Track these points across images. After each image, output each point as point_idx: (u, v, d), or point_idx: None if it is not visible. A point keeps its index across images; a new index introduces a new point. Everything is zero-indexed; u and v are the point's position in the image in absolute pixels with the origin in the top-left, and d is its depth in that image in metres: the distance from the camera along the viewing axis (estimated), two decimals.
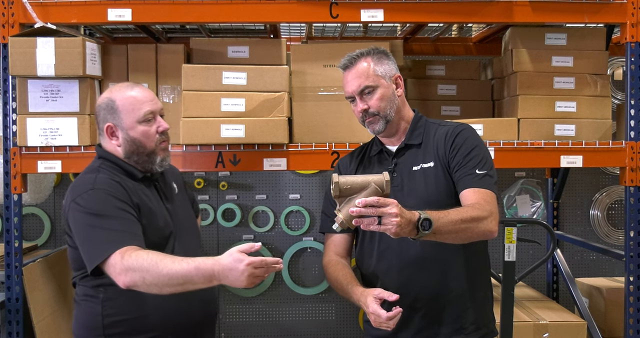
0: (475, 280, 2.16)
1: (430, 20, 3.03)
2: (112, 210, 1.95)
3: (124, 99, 2.09)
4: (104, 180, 2.03)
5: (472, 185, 2.05)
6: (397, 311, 1.92)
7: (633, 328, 2.83)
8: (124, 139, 2.10)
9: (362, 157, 2.31)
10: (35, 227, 4.12)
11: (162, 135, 2.13)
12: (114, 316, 2.03)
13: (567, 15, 2.82)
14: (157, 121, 2.12)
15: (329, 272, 2.21)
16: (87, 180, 2.05)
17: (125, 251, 1.86)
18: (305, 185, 4.20)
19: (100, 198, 1.97)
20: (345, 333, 4.24)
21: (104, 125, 2.12)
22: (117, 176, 2.07)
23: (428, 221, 1.82)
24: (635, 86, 2.83)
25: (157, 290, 1.84)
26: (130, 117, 2.08)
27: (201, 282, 1.81)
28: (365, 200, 1.76)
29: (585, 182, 4.25)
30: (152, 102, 2.12)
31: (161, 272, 1.80)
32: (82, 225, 1.95)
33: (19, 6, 2.66)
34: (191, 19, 2.75)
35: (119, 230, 1.92)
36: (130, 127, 2.09)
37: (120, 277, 1.84)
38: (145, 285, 1.83)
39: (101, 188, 2.00)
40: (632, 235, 2.84)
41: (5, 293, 2.71)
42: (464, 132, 2.15)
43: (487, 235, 1.98)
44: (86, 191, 1.99)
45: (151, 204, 2.09)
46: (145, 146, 2.10)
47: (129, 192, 2.03)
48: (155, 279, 1.81)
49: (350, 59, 2.17)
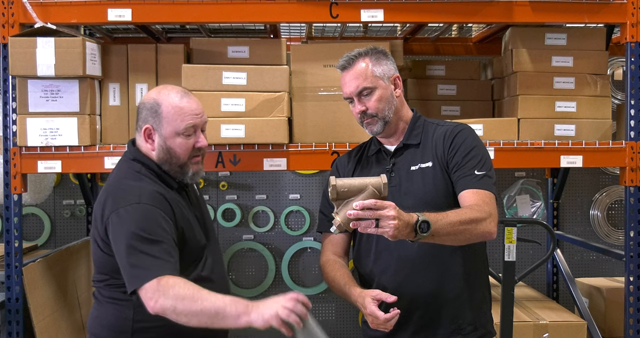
0: (473, 281, 2.15)
1: (430, 20, 3.03)
2: (156, 232, 1.90)
3: (169, 106, 2.03)
4: (150, 193, 1.97)
5: (471, 186, 2.04)
6: (394, 313, 1.92)
7: (633, 328, 2.83)
8: (159, 145, 2.05)
9: (360, 156, 2.30)
10: (35, 227, 4.12)
11: (198, 150, 2.08)
12: (145, 322, 1.99)
13: (567, 15, 2.82)
14: (197, 136, 2.07)
15: (326, 271, 2.21)
16: (131, 189, 1.98)
17: (162, 278, 1.82)
18: (305, 185, 4.20)
19: (146, 216, 1.91)
20: (345, 333, 4.24)
21: (143, 125, 2.06)
22: (159, 185, 2.02)
23: (426, 223, 1.81)
24: (635, 86, 2.83)
25: (185, 321, 1.80)
26: (171, 126, 2.03)
27: (232, 316, 1.77)
28: (363, 203, 1.76)
29: (585, 182, 4.24)
30: (197, 115, 2.06)
31: (195, 302, 1.78)
32: (125, 245, 1.89)
33: (19, 6, 2.66)
34: (191, 19, 2.75)
35: (159, 258, 1.87)
36: (168, 136, 2.03)
37: (150, 303, 1.81)
38: (174, 314, 1.80)
39: (148, 203, 1.93)
40: (632, 235, 2.84)
41: (5, 293, 2.71)
42: (463, 132, 2.15)
43: (486, 237, 1.98)
44: (131, 204, 1.92)
45: (190, 218, 2.07)
46: (178, 158, 2.05)
47: (173, 207, 1.99)
48: (187, 308, 1.78)
49: (348, 59, 2.16)
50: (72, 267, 3.20)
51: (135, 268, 1.86)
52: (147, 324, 2.00)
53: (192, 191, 2.22)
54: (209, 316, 1.78)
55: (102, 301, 2.09)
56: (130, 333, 2.01)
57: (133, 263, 1.87)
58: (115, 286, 2.02)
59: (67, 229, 4.13)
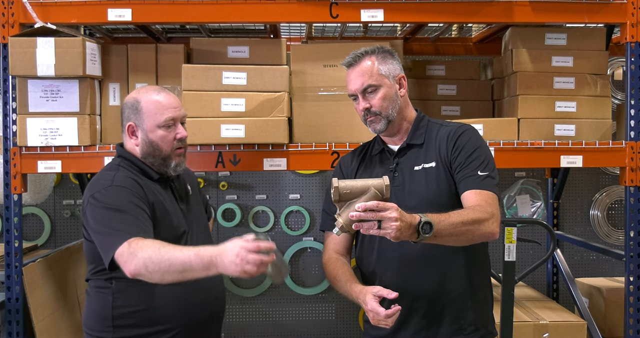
0: (475, 281, 2.15)
1: (430, 20, 3.03)
2: (128, 206, 2.01)
3: (148, 102, 2.16)
4: (123, 178, 2.10)
5: (473, 186, 2.04)
6: (395, 309, 1.92)
7: (633, 328, 2.83)
8: (142, 139, 2.17)
9: (364, 155, 2.30)
10: (35, 227, 4.12)
11: (180, 142, 2.20)
12: (124, 307, 2.08)
13: (567, 15, 2.82)
14: (177, 128, 2.19)
15: (328, 269, 2.21)
16: (106, 177, 2.11)
17: (132, 241, 1.89)
18: (305, 185, 4.20)
19: (118, 194, 2.04)
20: (345, 333, 4.24)
21: (126, 124, 2.20)
22: (135, 175, 2.14)
23: (429, 224, 1.81)
24: (635, 86, 2.83)
25: (159, 278, 1.85)
26: (152, 120, 2.15)
27: (200, 269, 1.81)
28: (365, 204, 1.76)
29: (585, 182, 4.25)
30: (176, 109, 2.19)
31: (162, 257, 1.82)
32: (99, 219, 2.01)
33: (19, 6, 2.66)
34: (191, 19, 2.75)
35: (130, 224, 1.96)
36: (150, 130, 2.16)
37: (126, 266, 1.87)
38: (148, 273, 1.84)
39: (119, 185, 2.06)
40: (632, 235, 2.84)
41: (5, 293, 2.71)
42: (467, 133, 2.15)
43: (489, 237, 1.98)
44: (105, 187, 2.06)
45: (166, 204, 2.14)
46: (161, 150, 2.16)
47: (145, 191, 2.10)
48: (157, 266, 1.82)
49: (354, 56, 2.17)
50: (72, 267, 3.20)
51: (107, 237, 1.95)
52: (126, 310, 2.08)
53: (182, 188, 2.28)
54: (178, 271, 1.82)
55: (90, 293, 2.17)
56: (111, 320, 2.08)
57: (105, 232, 1.97)
58: (99, 273, 2.11)
59: (67, 229, 4.13)
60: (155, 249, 1.85)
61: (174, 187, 2.24)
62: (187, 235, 2.17)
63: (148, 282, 1.90)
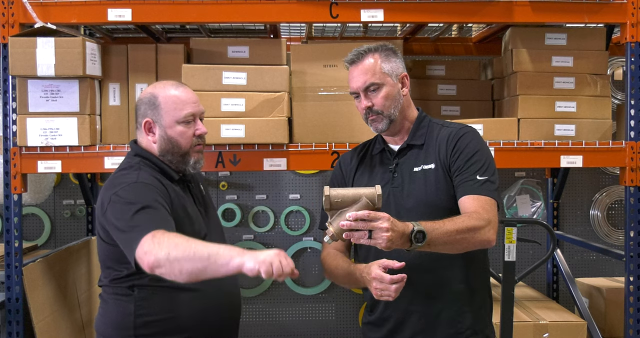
0: (473, 284, 2.13)
1: (430, 20, 3.03)
2: (153, 203, 1.94)
3: (167, 97, 2.10)
4: (147, 176, 2.04)
5: (471, 191, 2.01)
6: (400, 275, 1.86)
7: (633, 328, 2.83)
8: (160, 136, 2.11)
9: (364, 154, 2.28)
10: (35, 227, 4.12)
11: (199, 138, 2.15)
12: (147, 316, 2.01)
13: (567, 15, 2.82)
14: (196, 124, 2.14)
15: (327, 262, 2.18)
16: (129, 175, 2.05)
17: (156, 232, 1.83)
18: (305, 185, 4.20)
19: (143, 190, 1.98)
20: (345, 333, 4.24)
21: (142, 120, 2.13)
22: (157, 175, 2.08)
23: (422, 233, 1.79)
24: (635, 86, 2.83)
25: (178, 268, 1.75)
26: (171, 115, 2.09)
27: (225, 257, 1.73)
28: (356, 213, 1.74)
29: (585, 182, 4.24)
30: (195, 104, 2.13)
31: (189, 244, 1.76)
32: (122, 216, 1.92)
33: (19, 6, 2.66)
34: (191, 19, 2.75)
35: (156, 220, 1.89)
36: (168, 126, 2.10)
37: (146, 257, 1.78)
38: (168, 262, 1.75)
39: (143, 182, 2.00)
40: (632, 235, 2.84)
41: (5, 293, 2.71)
42: (467, 135, 2.12)
43: (485, 245, 1.95)
44: (129, 184, 1.99)
45: (188, 207, 2.10)
46: (180, 146, 2.11)
47: (169, 191, 2.05)
48: (181, 253, 1.74)
49: (357, 54, 2.14)
50: (72, 267, 3.20)
51: (131, 233, 1.87)
52: (149, 318, 2.01)
53: (197, 188, 2.24)
54: (202, 259, 1.74)
55: (106, 299, 2.10)
56: (133, 329, 2.01)
57: (129, 228, 1.88)
58: (118, 280, 2.03)
59: (67, 229, 4.13)
60: (183, 238, 1.79)
61: (192, 188, 2.19)
62: (207, 239, 2.09)
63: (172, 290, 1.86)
